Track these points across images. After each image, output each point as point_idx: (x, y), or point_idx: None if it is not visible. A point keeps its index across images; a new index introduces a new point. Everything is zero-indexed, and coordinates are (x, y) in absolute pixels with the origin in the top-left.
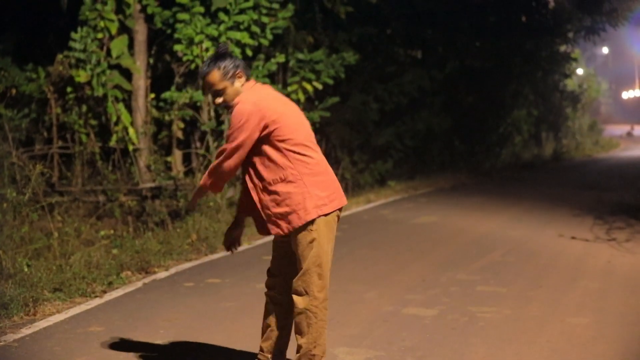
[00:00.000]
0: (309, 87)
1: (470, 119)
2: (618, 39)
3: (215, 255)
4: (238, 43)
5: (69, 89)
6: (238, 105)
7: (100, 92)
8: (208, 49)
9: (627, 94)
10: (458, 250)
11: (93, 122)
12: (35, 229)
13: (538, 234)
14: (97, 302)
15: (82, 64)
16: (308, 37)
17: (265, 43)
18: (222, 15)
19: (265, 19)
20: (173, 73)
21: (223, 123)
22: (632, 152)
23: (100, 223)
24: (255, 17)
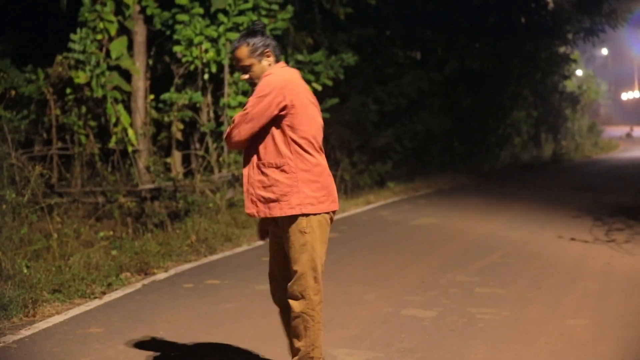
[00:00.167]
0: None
1: (470, 120)
2: (617, 40)
3: (215, 257)
4: None
5: (69, 90)
6: (268, 77)
7: (100, 93)
8: (207, 50)
9: (626, 95)
10: (457, 252)
11: (92, 123)
12: (35, 230)
13: (537, 235)
14: (96, 303)
15: (81, 65)
16: (307, 38)
17: None
18: (221, 17)
19: (265, 20)
20: (172, 74)
21: (222, 124)
22: (631, 153)
23: (100, 224)
24: (255, 18)
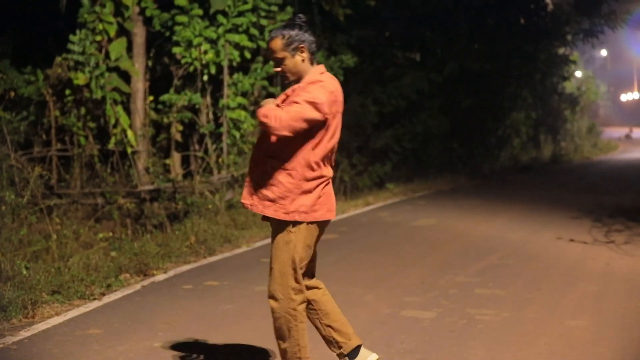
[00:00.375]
0: None
1: (469, 122)
2: (617, 42)
3: (214, 258)
4: (237, 45)
5: (68, 92)
6: (322, 86)
7: (99, 94)
8: (206, 52)
9: (625, 97)
10: (457, 253)
11: (92, 124)
12: (34, 232)
13: (536, 237)
14: (95, 304)
15: (80, 67)
16: None
17: (264, 45)
18: (220, 18)
19: (264, 22)
20: (172, 75)
21: (221, 125)
22: (630, 154)
23: (99, 225)
24: (254, 19)
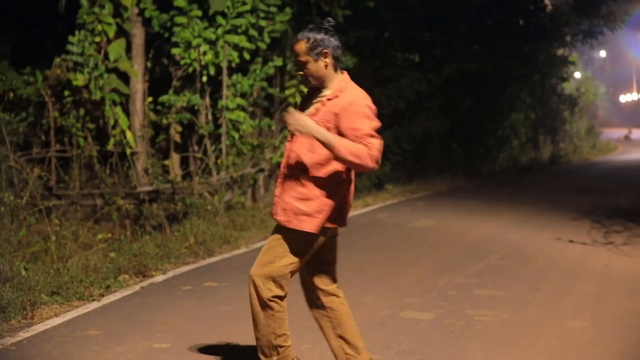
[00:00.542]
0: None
1: (468, 123)
2: (616, 43)
3: (213, 259)
4: (236, 46)
5: (67, 93)
6: (365, 98)
7: (98, 95)
8: (206, 53)
9: (624, 98)
10: (455, 254)
11: (90, 125)
12: (33, 233)
13: (535, 238)
14: (94, 305)
15: (79, 68)
16: None
17: (263, 46)
18: (219, 19)
19: (263, 23)
20: (171, 76)
21: (220, 126)
22: (629, 155)
23: (98, 226)
24: (253, 20)
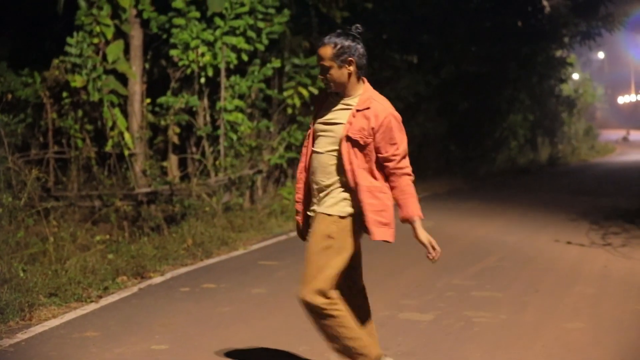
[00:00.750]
0: (305, 92)
1: (466, 124)
2: (614, 44)
3: (211, 260)
4: (234, 48)
5: (65, 94)
6: (392, 111)
7: (96, 97)
8: (204, 54)
9: (622, 99)
10: (454, 255)
11: (89, 127)
12: (31, 234)
13: (534, 239)
14: (92, 307)
15: (78, 69)
16: (304, 42)
17: (261, 48)
18: (218, 20)
19: (261, 24)
20: (169, 78)
21: (218, 128)
22: (627, 157)
23: (96, 228)
24: (251, 22)
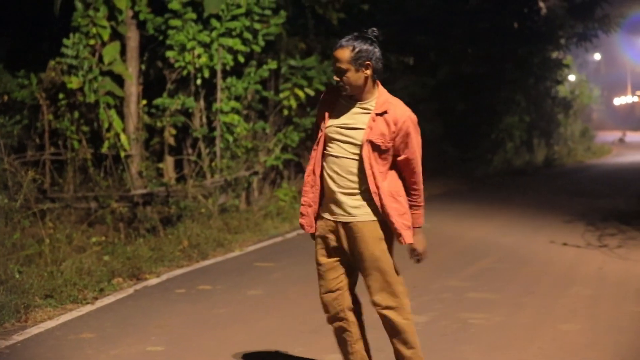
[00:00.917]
0: (301, 93)
1: (463, 126)
2: (610, 46)
3: (207, 262)
4: (230, 49)
5: (61, 96)
6: (410, 114)
7: (92, 98)
8: (200, 56)
9: (619, 100)
10: (450, 257)
11: (85, 128)
12: (27, 236)
13: (530, 241)
14: (88, 308)
15: (74, 71)
16: (300, 43)
17: (257, 49)
18: (214, 22)
19: (258, 26)
20: (165, 79)
21: (215, 129)
22: (624, 158)
23: (92, 229)
24: (248, 23)
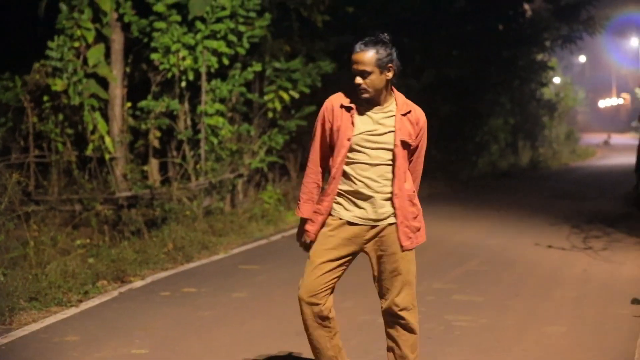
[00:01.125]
0: (286, 96)
1: (447, 128)
2: (595, 48)
3: (192, 265)
4: (215, 52)
5: (46, 98)
6: (423, 113)
7: (77, 100)
8: (185, 58)
9: (604, 103)
10: (434, 259)
11: (69, 130)
12: (11, 238)
13: (514, 243)
14: (73, 311)
15: (58, 73)
16: (285, 45)
17: (242, 52)
18: (199, 24)
19: (242, 28)
20: (150, 82)
21: (199, 132)
22: (608, 160)
23: (77, 232)
24: (232, 25)
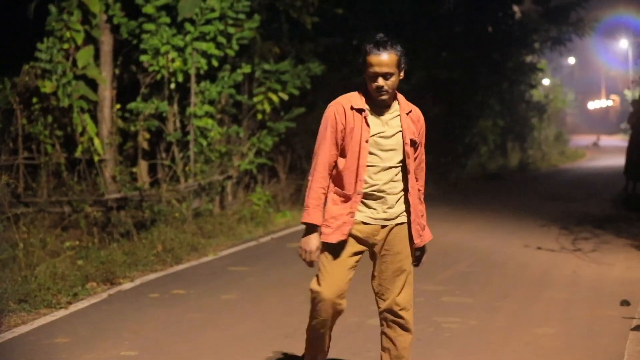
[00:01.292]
0: (275, 97)
1: (437, 130)
2: (584, 50)
3: (181, 266)
4: (204, 53)
5: (35, 100)
6: (418, 109)
7: (66, 102)
8: (174, 60)
9: (593, 104)
10: (424, 261)
11: (58, 132)
12: (0, 240)
13: (504, 245)
14: (62, 313)
15: (48, 75)
16: (274, 47)
17: (231, 53)
18: (188, 26)
19: (232, 30)
20: (139, 84)
21: (188, 134)
22: (597, 162)
23: (66, 234)
24: (222, 27)
